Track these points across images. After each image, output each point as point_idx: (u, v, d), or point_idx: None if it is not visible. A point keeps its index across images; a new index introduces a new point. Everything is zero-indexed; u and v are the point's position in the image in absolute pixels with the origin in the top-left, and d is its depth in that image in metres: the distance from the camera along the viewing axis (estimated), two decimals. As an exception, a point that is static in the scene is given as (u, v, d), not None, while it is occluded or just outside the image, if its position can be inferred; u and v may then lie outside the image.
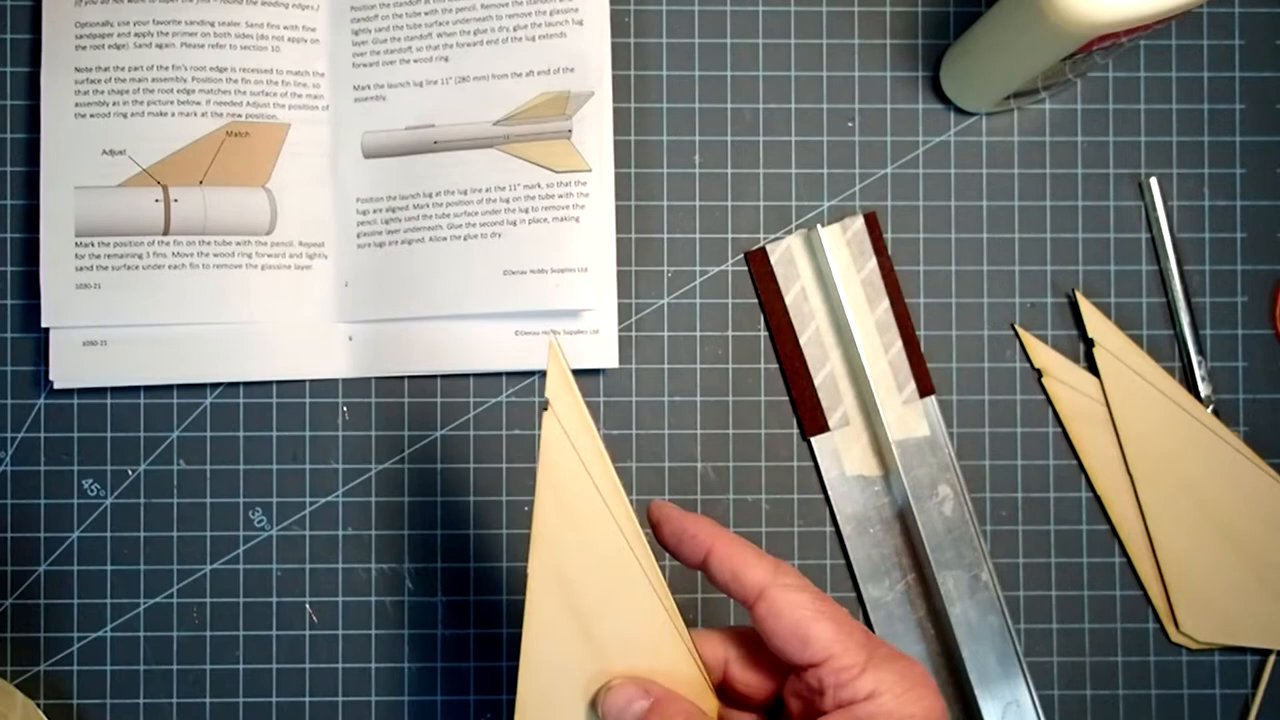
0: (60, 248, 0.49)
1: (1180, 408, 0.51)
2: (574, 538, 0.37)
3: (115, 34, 0.50)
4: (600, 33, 0.50)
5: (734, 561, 0.36)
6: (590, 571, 0.37)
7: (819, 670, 0.35)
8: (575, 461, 0.37)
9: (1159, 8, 0.41)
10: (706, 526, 0.37)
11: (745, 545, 0.37)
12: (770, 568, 0.36)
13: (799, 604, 0.35)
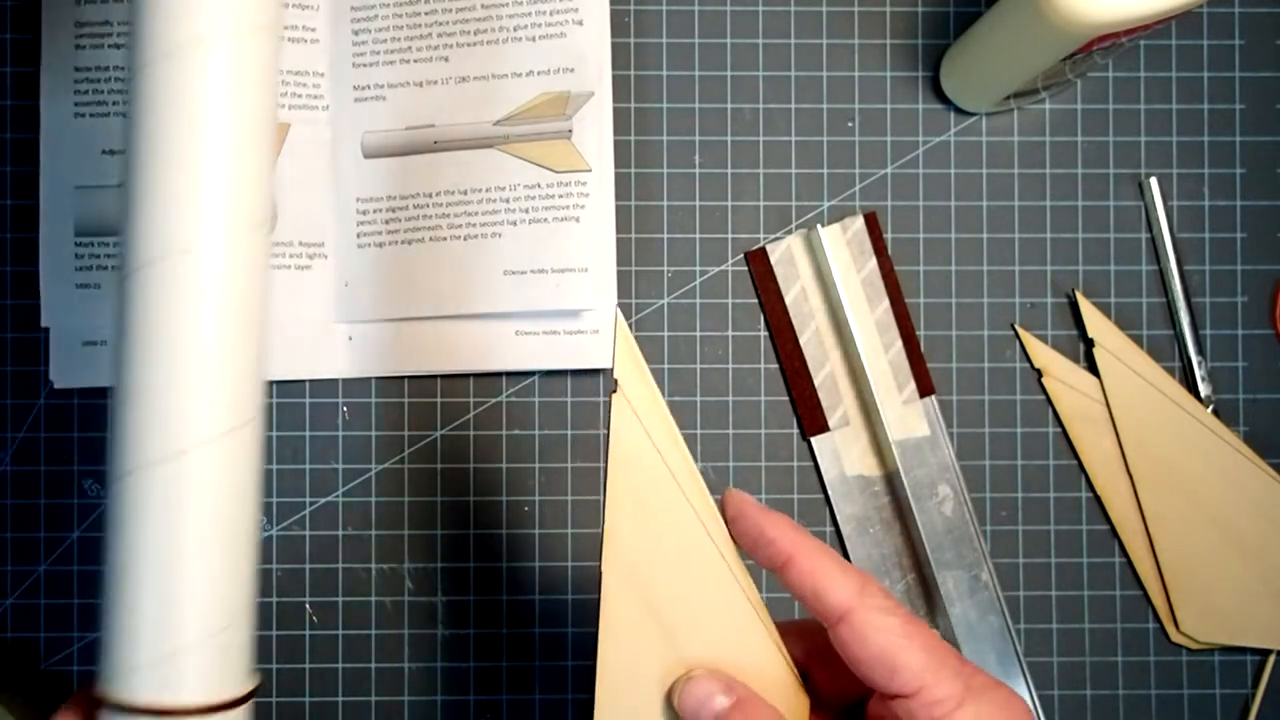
0: (60, 248, 0.49)
1: (1180, 408, 0.51)
2: (650, 531, 0.34)
3: (115, 34, 0.50)
4: (600, 33, 0.50)
5: (816, 577, 0.33)
6: (669, 567, 0.34)
7: (909, 702, 0.31)
8: (649, 448, 0.34)
9: (1159, 8, 0.41)
10: (787, 531, 0.33)
11: (828, 556, 0.33)
12: (856, 585, 0.32)
13: (886, 628, 0.32)
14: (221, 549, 0.34)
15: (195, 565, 0.33)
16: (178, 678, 0.33)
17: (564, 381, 0.51)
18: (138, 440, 0.33)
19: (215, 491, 0.33)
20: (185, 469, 0.33)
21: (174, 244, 0.33)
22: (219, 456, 0.33)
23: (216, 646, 0.34)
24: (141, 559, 0.33)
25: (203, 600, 0.33)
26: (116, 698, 0.33)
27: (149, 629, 0.33)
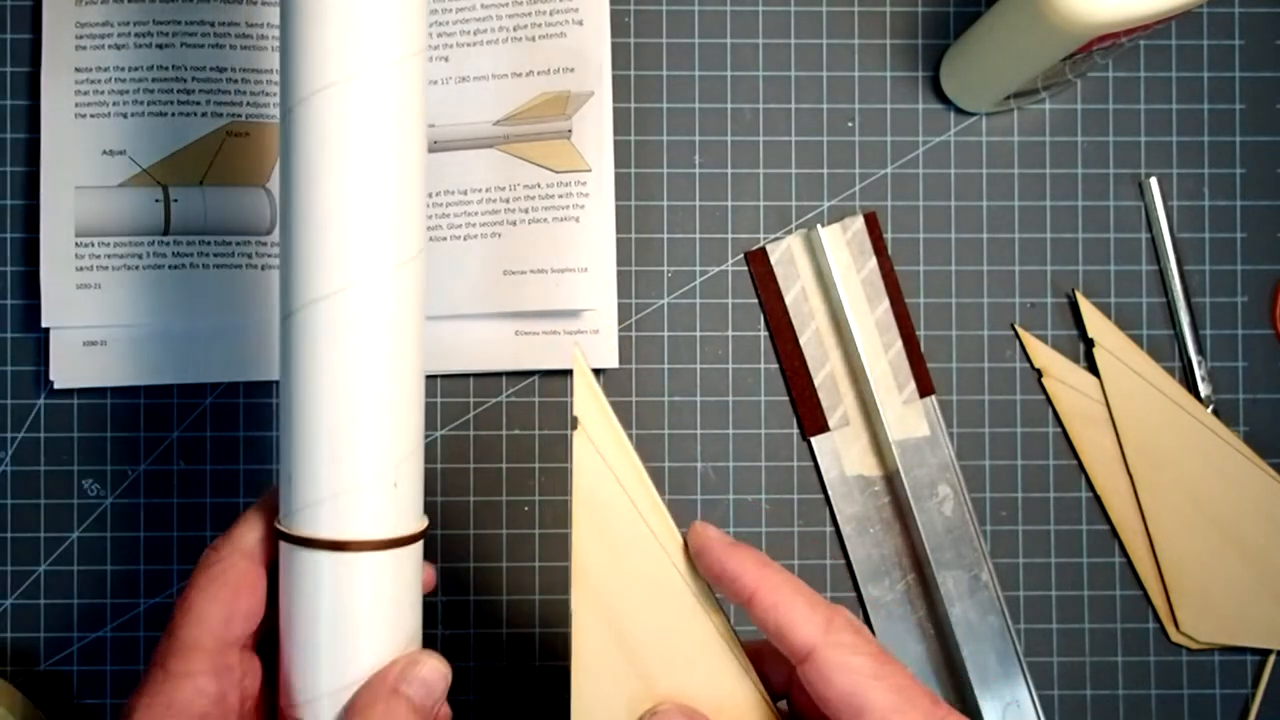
0: (60, 248, 0.49)
1: (1180, 408, 0.51)
2: (617, 565, 0.35)
3: (115, 34, 0.50)
4: (600, 33, 0.50)
5: (779, 614, 0.32)
6: (637, 601, 0.35)
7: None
8: (612, 482, 0.35)
9: (1159, 8, 0.41)
10: (751, 566, 0.33)
11: (795, 592, 0.32)
12: (822, 622, 0.32)
13: (853, 668, 0.31)
14: (391, 384, 0.35)
15: (367, 400, 0.34)
16: (354, 513, 0.34)
17: (564, 381, 0.51)
18: (307, 276, 0.34)
19: (383, 326, 0.34)
20: (353, 303, 0.34)
21: (336, 71, 0.34)
22: (386, 291, 0.34)
23: (390, 482, 0.35)
24: (314, 395, 0.34)
25: (376, 436, 0.35)
26: (297, 531, 0.35)
27: (325, 465, 0.34)
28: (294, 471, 0.35)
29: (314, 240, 0.34)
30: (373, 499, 0.35)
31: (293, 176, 0.35)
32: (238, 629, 0.35)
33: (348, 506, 0.35)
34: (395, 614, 0.35)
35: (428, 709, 0.34)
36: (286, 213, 0.35)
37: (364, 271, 0.34)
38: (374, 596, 0.35)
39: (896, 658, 0.50)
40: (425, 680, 0.34)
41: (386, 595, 0.35)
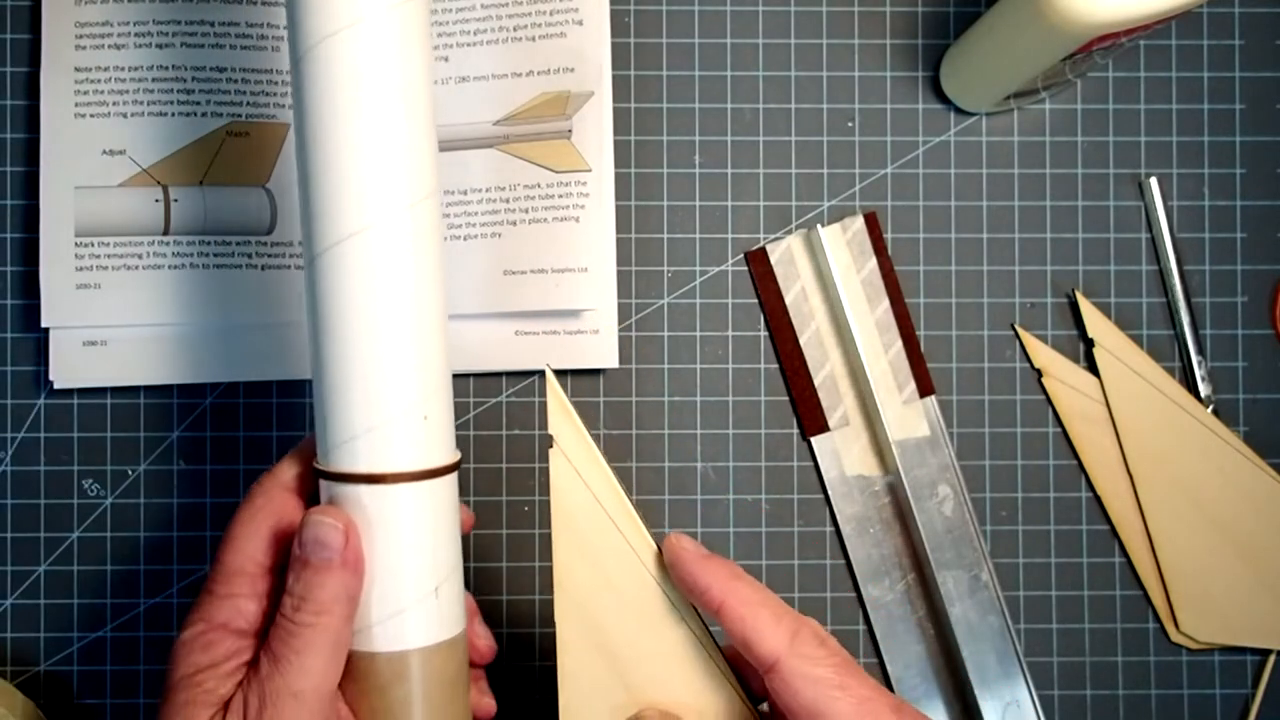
0: (60, 248, 0.49)
1: (1180, 408, 0.51)
2: (596, 577, 0.36)
3: (115, 34, 0.50)
4: (600, 33, 0.50)
5: (745, 625, 0.33)
6: (617, 611, 0.36)
7: None
8: (588, 498, 0.36)
9: (1159, 8, 0.41)
10: (720, 578, 0.34)
11: (761, 604, 0.33)
12: (787, 634, 0.33)
13: (816, 679, 0.32)
14: (415, 319, 0.36)
15: (392, 336, 0.36)
16: (387, 446, 0.36)
17: (564, 381, 0.51)
18: (327, 220, 0.36)
19: (403, 263, 0.36)
20: (373, 242, 0.36)
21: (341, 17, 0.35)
22: (404, 229, 0.36)
23: (420, 414, 0.36)
24: (342, 335, 0.36)
25: (404, 370, 0.36)
26: (334, 469, 0.36)
27: (356, 402, 0.36)
28: (326, 411, 0.37)
29: (331, 184, 0.36)
30: (404, 432, 0.36)
31: (306, 124, 0.36)
32: (276, 556, 0.37)
33: (380, 441, 0.36)
34: (434, 543, 0.37)
35: None
36: (303, 161, 0.36)
37: (381, 211, 0.36)
38: (412, 527, 0.36)
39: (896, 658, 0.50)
40: None
41: (425, 525, 0.36)
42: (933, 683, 0.51)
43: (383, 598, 0.36)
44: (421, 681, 0.36)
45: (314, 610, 0.35)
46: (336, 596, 0.35)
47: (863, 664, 0.51)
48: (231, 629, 0.36)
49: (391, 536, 0.36)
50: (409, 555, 0.36)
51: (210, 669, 0.35)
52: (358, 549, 0.36)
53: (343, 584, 0.35)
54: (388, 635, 0.36)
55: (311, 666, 0.34)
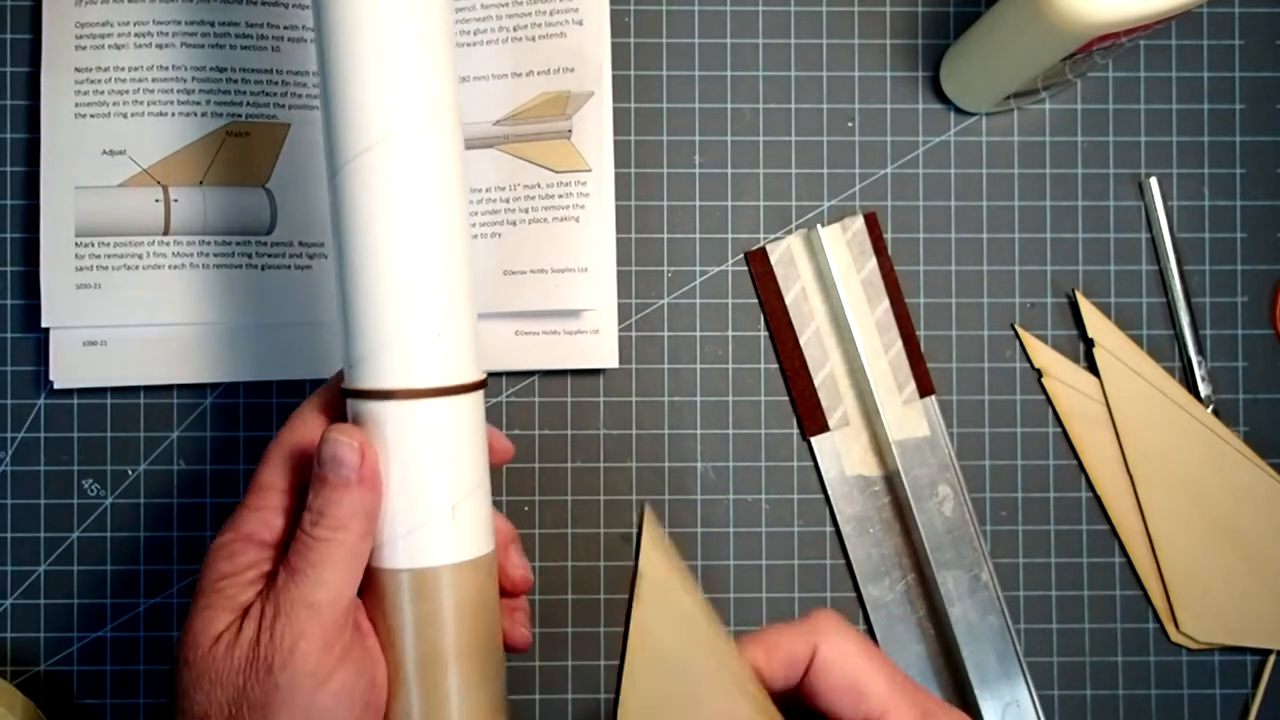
0: (60, 248, 0.49)
1: (1180, 408, 0.51)
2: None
3: (115, 34, 0.50)
4: (600, 33, 0.50)
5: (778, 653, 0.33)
6: None
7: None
8: (684, 649, 0.31)
9: (1159, 8, 0.41)
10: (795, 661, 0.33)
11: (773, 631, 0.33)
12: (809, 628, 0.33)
13: (849, 653, 0.32)
14: (433, 234, 0.37)
15: (409, 249, 0.37)
16: (403, 362, 0.37)
17: (564, 381, 0.51)
18: (348, 132, 0.37)
19: (422, 176, 0.37)
20: (393, 152, 0.36)
21: None
22: (423, 141, 0.37)
23: (434, 331, 0.37)
24: (361, 249, 0.37)
25: (416, 286, 0.37)
26: (356, 386, 0.37)
27: (373, 317, 0.37)
28: (345, 328, 0.38)
29: (352, 96, 0.36)
30: (416, 349, 0.37)
31: (326, 40, 0.37)
32: (301, 475, 0.38)
33: (391, 358, 0.37)
34: (450, 461, 0.37)
35: None
36: (324, 77, 0.37)
37: (401, 122, 0.36)
38: (426, 444, 0.37)
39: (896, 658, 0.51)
40: None
41: (440, 443, 0.37)
42: (933, 683, 0.51)
43: (396, 515, 0.37)
44: (436, 601, 0.37)
45: (330, 526, 0.36)
46: (353, 512, 0.36)
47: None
48: (256, 540, 0.37)
49: (406, 453, 0.37)
50: (423, 473, 0.37)
51: (233, 576, 0.37)
52: (374, 466, 0.36)
53: (359, 500, 0.36)
54: (402, 552, 0.37)
55: (326, 579, 0.35)
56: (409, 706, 0.37)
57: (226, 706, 0.35)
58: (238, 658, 0.35)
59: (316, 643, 0.35)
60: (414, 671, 0.37)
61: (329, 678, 0.35)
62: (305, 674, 0.35)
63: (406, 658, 0.37)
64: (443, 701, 0.37)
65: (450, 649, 0.37)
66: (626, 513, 0.51)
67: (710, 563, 0.51)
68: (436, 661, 0.37)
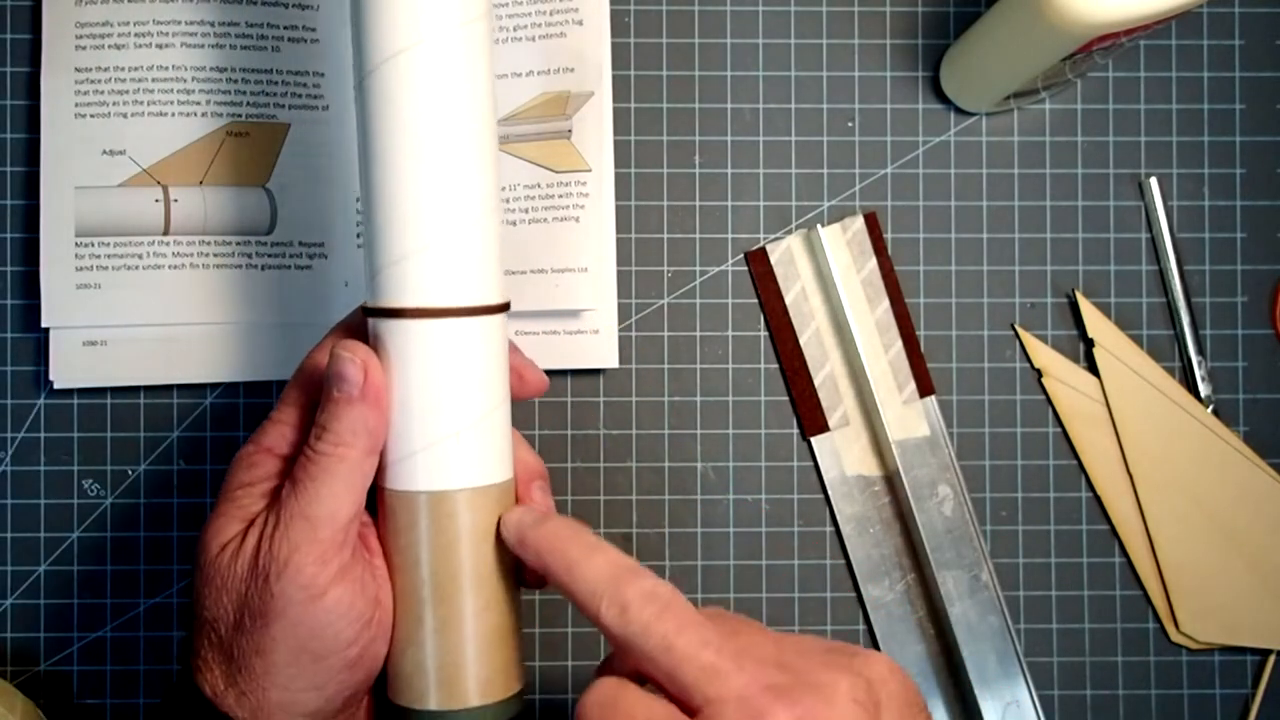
0: (60, 248, 0.49)
1: (1180, 408, 0.51)
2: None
3: (115, 34, 0.50)
4: (600, 33, 0.50)
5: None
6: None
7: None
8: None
9: (1159, 8, 0.41)
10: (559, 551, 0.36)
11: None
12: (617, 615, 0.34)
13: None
14: (466, 144, 0.37)
15: (442, 159, 0.36)
16: (407, 281, 0.37)
17: (564, 381, 0.51)
18: (378, 36, 0.36)
19: (452, 83, 0.36)
20: (423, 57, 0.36)
21: None
22: (453, 47, 0.36)
23: (467, 246, 0.37)
24: (383, 156, 0.37)
25: (448, 198, 0.36)
26: (371, 304, 0.37)
27: (382, 236, 0.37)
28: (368, 243, 0.38)
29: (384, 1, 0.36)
30: (439, 265, 0.37)
31: None
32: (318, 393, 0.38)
33: (412, 273, 0.37)
34: (457, 385, 0.37)
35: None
36: None
37: (431, 27, 0.36)
38: (431, 365, 0.37)
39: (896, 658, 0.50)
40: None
41: (445, 365, 0.37)
42: (933, 683, 0.51)
43: (410, 435, 0.37)
44: (448, 525, 0.37)
45: (333, 441, 0.36)
46: (355, 429, 0.36)
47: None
48: (275, 453, 0.38)
49: (419, 373, 0.37)
50: (436, 394, 0.37)
51: (249, 486, 0.38)
52: (377, 384, 0.36)
53: (361, 417, 0.36)
54: (411, 474, 0.37)
55: (325, 494, 0.36)
56: (417, 629, 0.37)
57: (231, 613, 0.36)
58: (240, 566, 0.36)
59: (312, 555, 0.35)
60: (424, 594, 0.37)
61: (324, 591, 0.35)
62: (300, 586, 0.35)
63: (416, 580, 0.37)
64: (452, 625, 0.37)
65: (462, 573, 0.37)
66: (626, 513, 0.51)
67: (710, 563, 0.51)
68: (448, 585, 0.37)
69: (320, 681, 0.36)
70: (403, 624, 0.37)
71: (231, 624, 0.36)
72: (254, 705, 0.36)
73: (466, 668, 0.37)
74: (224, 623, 0.37)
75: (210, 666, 0.37)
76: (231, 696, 0.36)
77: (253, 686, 0.36)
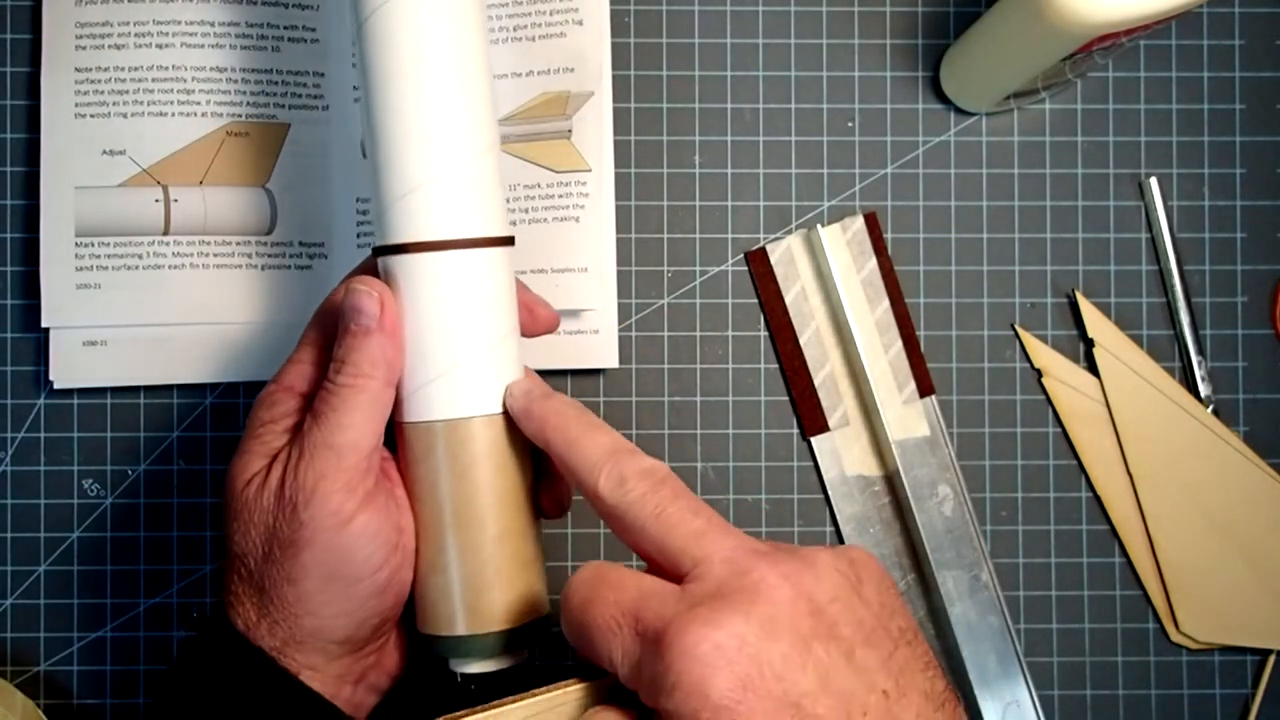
0: (60, 248, 0.49)
1: (1180, 408, 0.51)
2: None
3: (115, 34, 0.50)
4: (600, 33, 0.50)
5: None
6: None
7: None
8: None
9: (1159, 8, 0.41)
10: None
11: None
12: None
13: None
14: (461, 81, 0.38)
15: (437, 97, 0.38)
16: (435, 214, 0.38)
17: (564, 381, 0.51)
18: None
19: (449, 22, 0.38)
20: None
21: None
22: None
23: (468, 179, 0.38)
24: (376, 101, 0.38)
25: (452, 125, 0.38)
26: (386, 241, 0.38)
27: (385, 174, 0.38)
28: (374, 185, 0.39)
29: None
30: (442, 199, 0.38)
31: None
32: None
33: (418, 208, 0.38)
34: (479, 312, 0.38)
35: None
36: None
37: None
38: (436, 298, 0.38)
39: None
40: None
41: (448, 298, 0.38)
42: (933, 683, 0.51)
43: (413, 370, 0.38)
44: (464, 452, 0.38)
45: (352, 373, 0.37)
46: (373, 359, 0.37)
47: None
48: (295, 391, 0.39)
49: (421, 306, 0.38)
50: (437, 326, 0.38)
51: (270, 424, 0.39)
52: (394, 315, 0.38)
53: (379, 347, 0.37)
54: (425, 404, 0.38)
55: (347, 423, 0.37)
56: (439, 557, 0.38)
57: (260, 545, 0.38)
58: (267, 498, 0.38)
59: (338, 483, 0.36)
60: (445, 521, 0.38)
61: (351, 518, 0.37)
62: (328, 513, 0.36)
63: (437, 508, 0.38)
64: (474, 551, 0.38)
65: (480, 499, 0.38)
66: (626, 513, 0.51)
67: (710, 563, 0.51)
68: (467, 511, 0.38)
69: (351, 608, 0.38)
70: (426, 553, 0.39)
71: (261, 555, 0.38)
72: (286, 634, 0.38)
73: (491, 592, 0.38)
74: (253, 555, 0.38)
75: (242, 600, 0.38)
76: (264, 627, 0.38)
77: (284, 615, 0.37)
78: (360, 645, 0.39)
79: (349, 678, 0.39)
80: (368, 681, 0.40)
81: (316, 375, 0.39)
